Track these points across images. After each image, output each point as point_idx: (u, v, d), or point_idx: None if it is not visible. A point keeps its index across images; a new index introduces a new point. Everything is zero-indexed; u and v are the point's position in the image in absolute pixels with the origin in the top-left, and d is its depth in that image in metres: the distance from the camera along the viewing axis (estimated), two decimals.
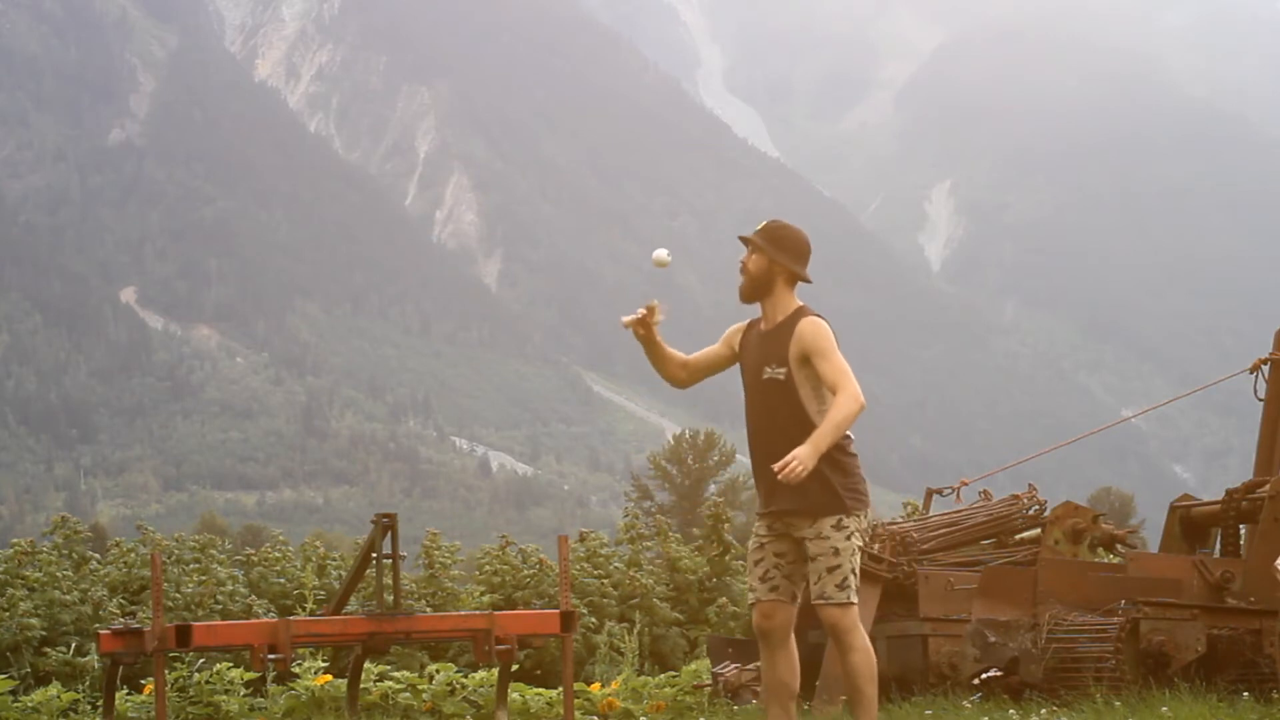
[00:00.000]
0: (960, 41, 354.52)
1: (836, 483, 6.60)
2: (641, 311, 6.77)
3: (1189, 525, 10.96)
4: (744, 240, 6.78)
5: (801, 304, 6.73)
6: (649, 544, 14.25)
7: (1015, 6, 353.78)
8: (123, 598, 12.19)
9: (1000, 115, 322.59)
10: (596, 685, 9.74)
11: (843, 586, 6.55)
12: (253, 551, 13.59)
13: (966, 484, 11.79)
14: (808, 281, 6.77)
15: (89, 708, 9.83)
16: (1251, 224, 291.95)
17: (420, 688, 9.56)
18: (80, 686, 10.60)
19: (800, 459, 6.35)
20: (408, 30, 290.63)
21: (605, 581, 13.29)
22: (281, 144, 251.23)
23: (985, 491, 11.55)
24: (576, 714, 8.57)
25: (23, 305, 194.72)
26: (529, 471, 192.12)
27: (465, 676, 9.76)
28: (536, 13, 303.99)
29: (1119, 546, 11.23)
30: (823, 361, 6.54)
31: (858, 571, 6.63)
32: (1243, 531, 10.77)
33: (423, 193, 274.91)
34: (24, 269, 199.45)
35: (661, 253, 6.81)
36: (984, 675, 9.61)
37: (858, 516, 6.65)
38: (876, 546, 10.42)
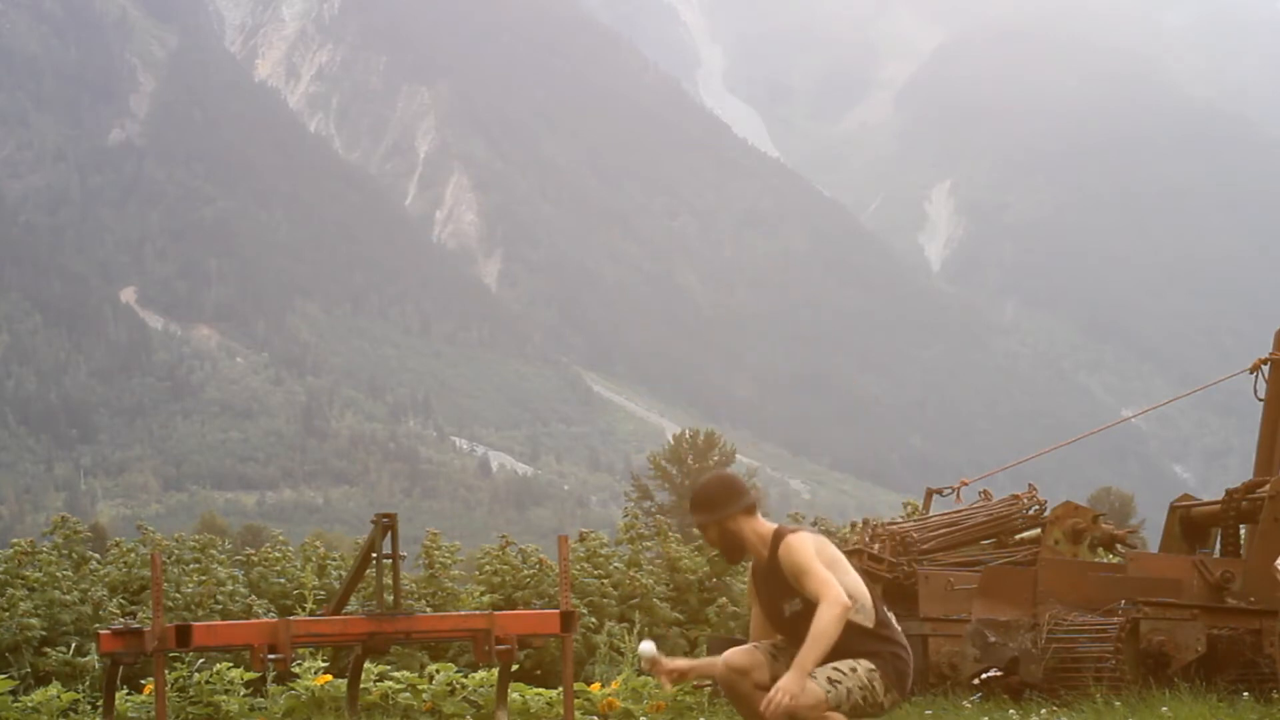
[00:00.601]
0: (960, 41, 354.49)
1: (873, 649, 6.48)
2: (661, 668, 6.70)
3: (1189, 525, 10.96)
4: (695, 523, 6.73)
5: (774, 527, 6.64)
6: (649, 544, 14.25)
7: (1015, 6, 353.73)
8: (123, 598, 12.19)
9: (1000, 115, 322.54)
10: (596, 685, 9.73)
11: (833, 682, 6.37)
12: (253, 551, 13.59)
13: (966, 484, 11.80)
14: (752, 505, 6.64)
15: (89, 708, 9.83)
16: (1251, 224, 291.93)
17: (420, 688, 9.56)
18: (80, 686, 10.60)
19: (785, 689, 6.24)
20: (408, 30, 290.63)
21: (605, 581, 13.29)
22: (281, 144, 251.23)
23: (985, 491, 11.56)
24: (576, 714, 8.57)
25: (23, 305, 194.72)
26: (529, 471, 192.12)
27: (465, 676, 9.76)
28: (536, 13, 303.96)
29: (1119, 546, 11.24)
30: (805, 579, 6.40)
31: (850, 697, 6.38)
32: (1243, 531, 10.78)
33: (423, 193, 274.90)
34: (24, 269, 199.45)
35: (648, 647, 6.71)
36: (984, 675, 9.61)
37: (884, 678, 6.45)
38: (876, 546, 10.42)
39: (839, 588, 6.34)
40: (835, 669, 6.35)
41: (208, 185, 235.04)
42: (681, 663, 6.70)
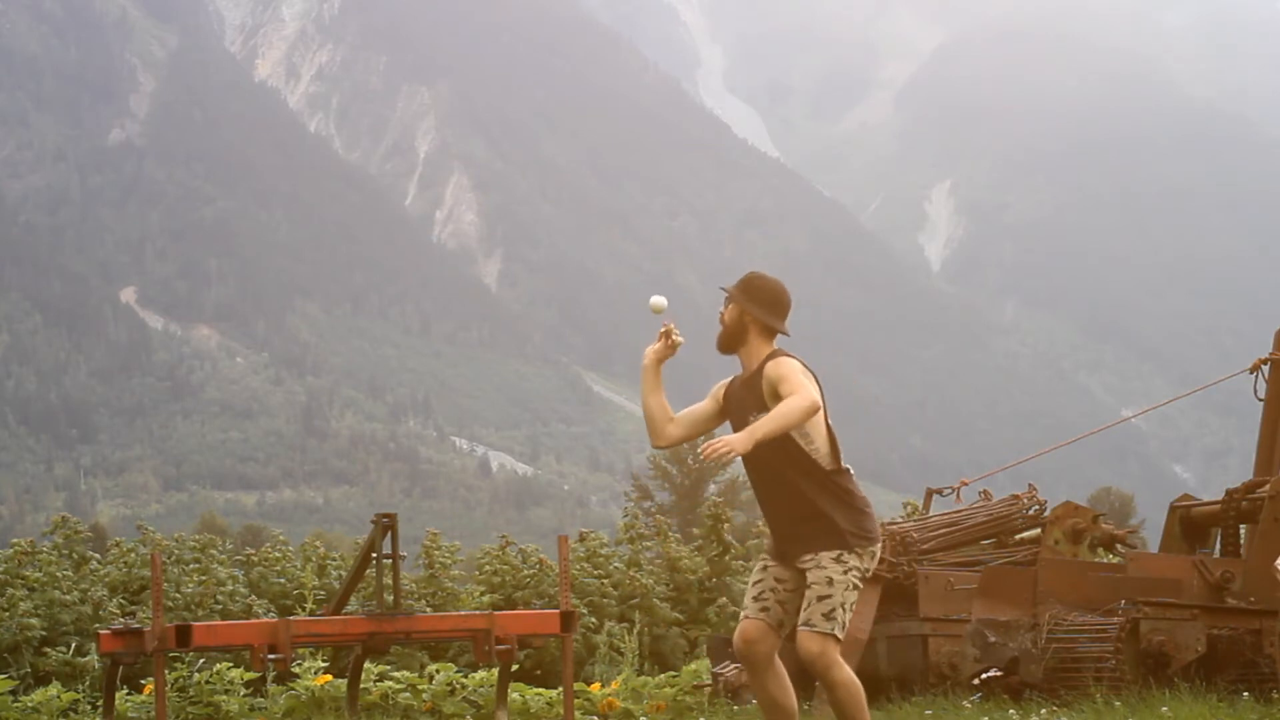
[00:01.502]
0: (960, 41, 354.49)
1: (841, 521, 6.53)
2: (665, 337, 6.83)
3: (1189, 525, 10.96)
4: (723, 290, 6.80)
5: (776, 349, 6.70)
6: (649, 544, 14.26)
7: (1015, 6, 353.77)
8: (123, 598, 12.20)
9: (1000, 115, 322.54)
10: (596, 685, 9.74)
11: (829, 617, 6.42)
12: (253, 551, 13.60)
13: (966, 484, 11.80)
14: (784, 334, 6.73)
15: (89, 708, 9.83)
16: (1251, 224, 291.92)
17: (420, 688, 9.56)
18: (80, 686, 10.60)
19: (729, 442, 6.31)
20: (408, 30, 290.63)
21: (605, 581, 13.30)
22: (281, 144, 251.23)
23: (985, 491, 11.56)
24: (576, 714, 8.58)
25: (23, 305, 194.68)
26: (529, 471, 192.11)
27: (465, 676, 9.77)
28: (536, 13, 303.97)
29: (1119, 546, 11.24)
30: (783, 385, 6.47)
31: (850, 609, 6.49)
32: (1243, 531, 10.78)
33: (423, 193, 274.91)
34: (24, 269, 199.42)
35: (658, 300, 6.78)
36: (984, 675, 9.61)
37: (859, 555, 6.54)
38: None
39: (816, 395, 6.44)
40: (820, 598, 6.44)
41: (208, 185, 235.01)
42: (673, 344, 6.85)
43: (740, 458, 6.57)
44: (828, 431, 6.61)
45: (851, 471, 6.65)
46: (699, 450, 6.40)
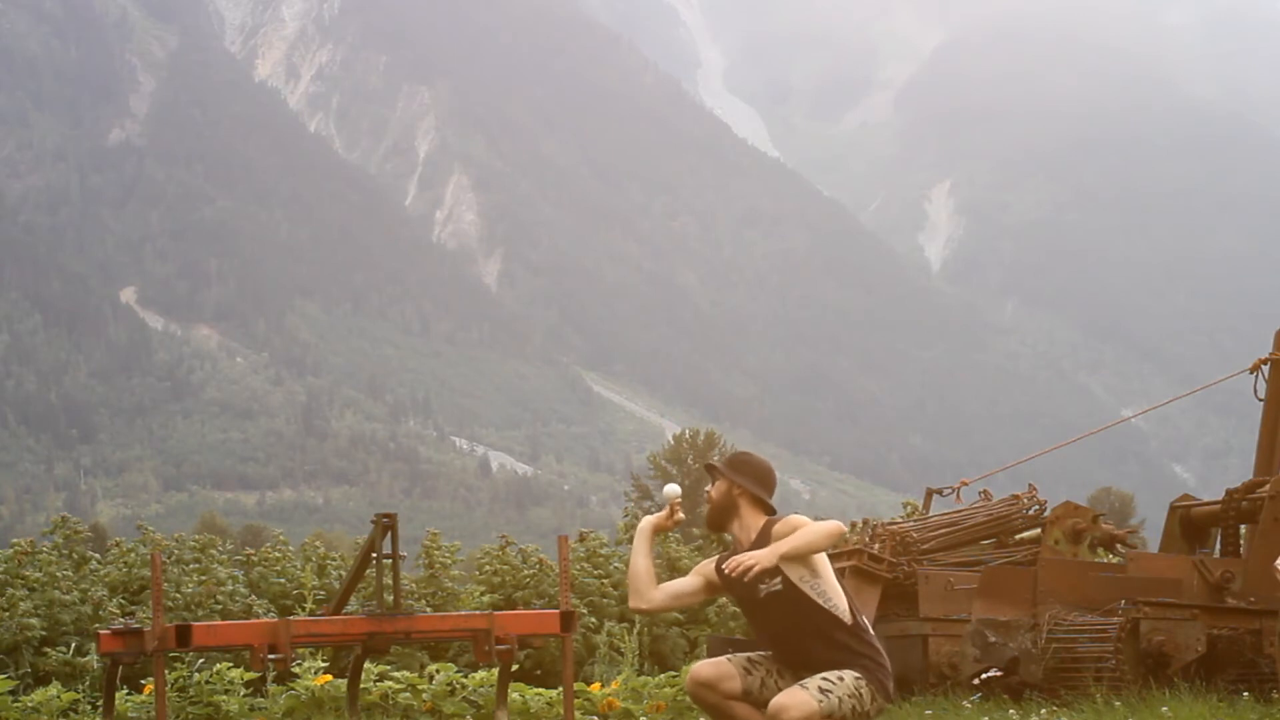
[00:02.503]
0: (960, 41, 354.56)
1: (856, 651, 6.44)
2: (670, 513, 6.72)
3: (1189, 525, 10.96)
4: (707, 468, 6.76)
5: (765, 517, 6.63)
6: None
7: (1015, 6, 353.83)
8: (123, 598, 12.20)
9: (1000, 115, 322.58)
10: (596, 685, 9.74)
11: (825, 691, 6.29)
12: (253, 551, 13.60)
13: (966, 484, 11.81)
14: (771, 511, 6.64)
15: (89, 708, 9.83)
16: (1251, 224, 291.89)
17: (420, 688, 9.56)
18: (80, 686, 10.60)
19: (756, 557, 6.24)
20: (408, 30, 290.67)
21: (605, 581, 13.30)
22: (281, 144, 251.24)
23: (985, 491, 11.57)
24: (576, 714, 8.58)
25: (23, 305, 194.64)
26: (529, 471, 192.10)
27: (465, 676, 9.77)
28: (536, 13, 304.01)
29: (1119, 546, 11.24)
30: (798, 526, 6.41)
31: (845, 707, 6.30)
32: (1243, 531, 10.78)
33: (423, 193, 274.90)
34: (24, 269, 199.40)
35: (672, 490, 6.73)
36: (984, 675, 9.61)
37: (874, 693, 6.40)
38: (876, 546, 10.42)
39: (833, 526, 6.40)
40: (825, 679, 6.32)
41: (208, 185, 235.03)
42: (677, 521, 6.76)
43: (749, 619, 6.59)
44: (843, 588, 6.53)
45: (868, 624, 6.56)
46: (724, 568, 6.29)
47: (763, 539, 6.47)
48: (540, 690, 9.68)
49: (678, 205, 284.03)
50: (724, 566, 6.35)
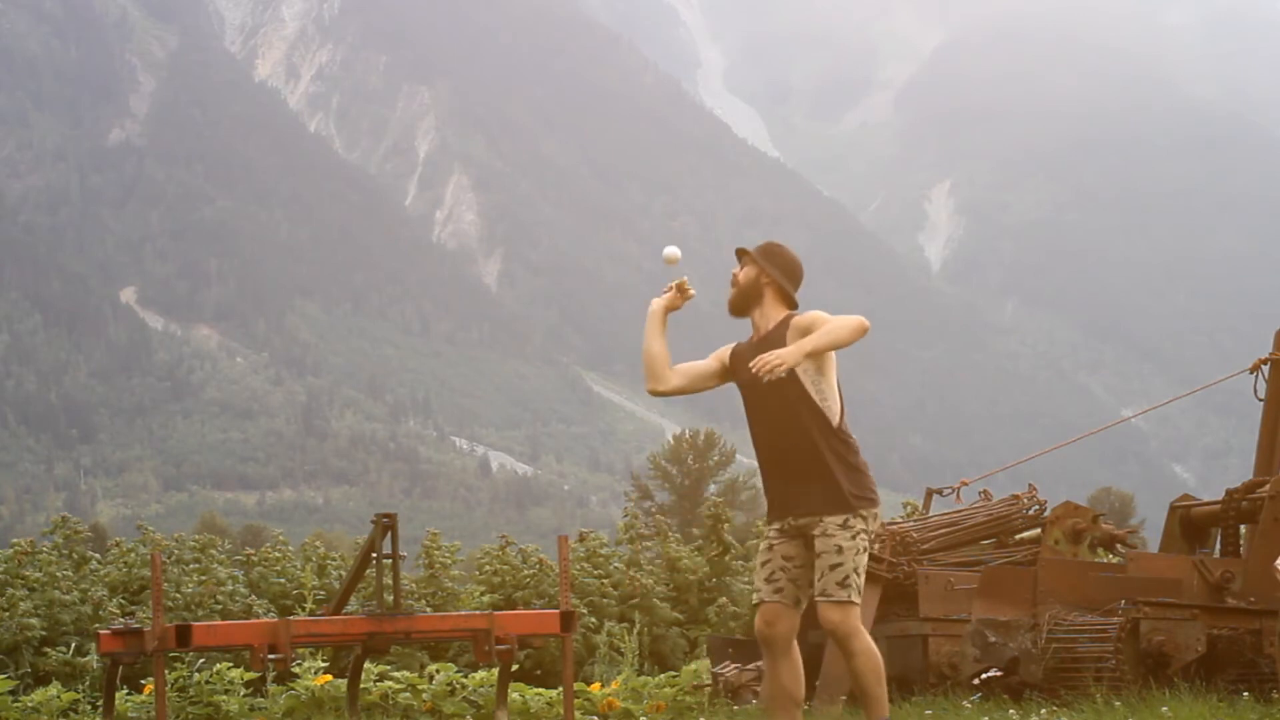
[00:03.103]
0: (960, 41, 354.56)
1: (844, 484, 6.57)
2: (678, 289, 6.89)
3: (1189, 525, 10.95)
4: (738, 252, 6.82)
5: (790, 311, 6.72)
6: (649, 544, 14.26)
7: (1015, 6, 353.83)
8: (123, 598, 12.20)
9: (1000, 115, 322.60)
10: (596, 685, 9.74)
11: (844, 584, 6.48)
12: (253, 551, 13.59)
13: (966, 484, 11.79)
14: (793, 304, 6.73)
15: (89, 708, 9.83)
16: (1251, 224, 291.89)
17: (420, 688, 9.56)
18: (80, 686, 10.60)
19: (781, 355, 6.31)
20: (408, 30, 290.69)
21: (605, 581, 13.30)
22: (281, 144, 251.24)
23: (985, 491, 11.55)
24: (576, 714, 8.58)
25: (23, 305, 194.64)
26: (529, 471, 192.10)
27: (465, 676, 9.77)
28: (536, 13, 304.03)
29: (1119, 546, 11.24)
30: (818, 322, 6.49)
31: (862, 573, 6.55)
32: (1243, 531, 10.78)
33: (423, 193, 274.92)
34: (24, 269, 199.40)
35: (672, 251, 6.82)
36: (984, 675, 9.61)
37: (864, 518, 6.60)
38: (876, 546, 10.42)
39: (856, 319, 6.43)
40: (834, 568, 6.49)
41: (208, 185, 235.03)
42: (683, 295, 6.91)
43: (746, 405, 6.65)
44: (839, 391, 6.65)
45: (855, 440, 6.67)
46: (751, 367, 6.21)
47: (780, 330, 6.59)
48: (540, 690, 9.68)
49: (678, 205, 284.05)
50: (751, 365, 6.41)
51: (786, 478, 6.63)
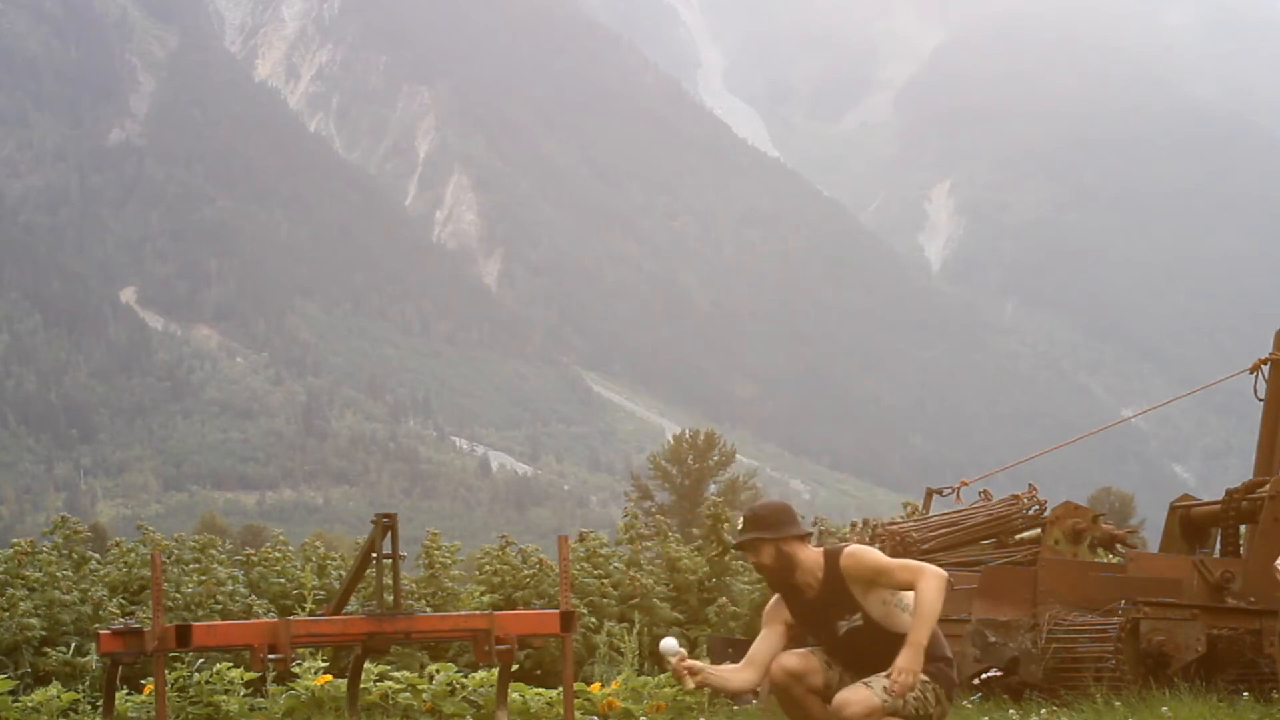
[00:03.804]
0: (960, 41, 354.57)
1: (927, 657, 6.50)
2: (676, 666, 6.70)
3: (1189, 525, 10.96)
4: (740, 547, 6.70)
5: (820, 550, 6.67)
6: (649, 544, 14.26)
7: (1015, 6, 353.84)
8: (123, 598, 12.20)
9: (1000, 115, 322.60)
10: (596, 685, 9.73)
11: (888, 690, 6.36)
12: (253, 551, 13.59)
13: (966, 484, 11.80)
14: (809, 534, 6.70)
15: (89, 708, 9.83)
16: (1251, 224, 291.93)
17: (420, 688, 9.56)
18: (80, 686, 10.60)
19: (905, 668, 6.29)
20: (408, 30, 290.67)
21: (605, 581, 13.30)
22: (281, 144, 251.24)
23: (985, 491, 11.56)
24: (576, 714, 8.57)
25: (23, 305, 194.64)
26: (529, 471, 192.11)
27: (465, 676, 9.76)
28: (536, 13, 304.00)
29: (1119, 546, 11.23)
30: (887, 576, 6.48)
31: (904, 715, 6.42)
32: (1243, 531, 10.78)
33: (423, 193, 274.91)
34: (24, 269, 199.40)
35: (670, 644, 6.73)
36: (984, 675, 9.61)
37: (936, 688, 6.53)
38: (876, 546, 10.41)
39: (929, 566, 6.44)
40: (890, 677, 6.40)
41: (208, 185, 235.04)
42: (701, 665, 6.71)
43: (824, 647, 6.58)
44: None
45: (941, 636, 6.63)
46: (887, 690, 6.31)
47: (837, 586, 6.50)
48: (540, 690, 9.68)
49: (678, 205, 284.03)
50: (889, 690, 6.30)
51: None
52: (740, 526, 6.72)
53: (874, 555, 6.51)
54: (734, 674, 6.73)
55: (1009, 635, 9.43)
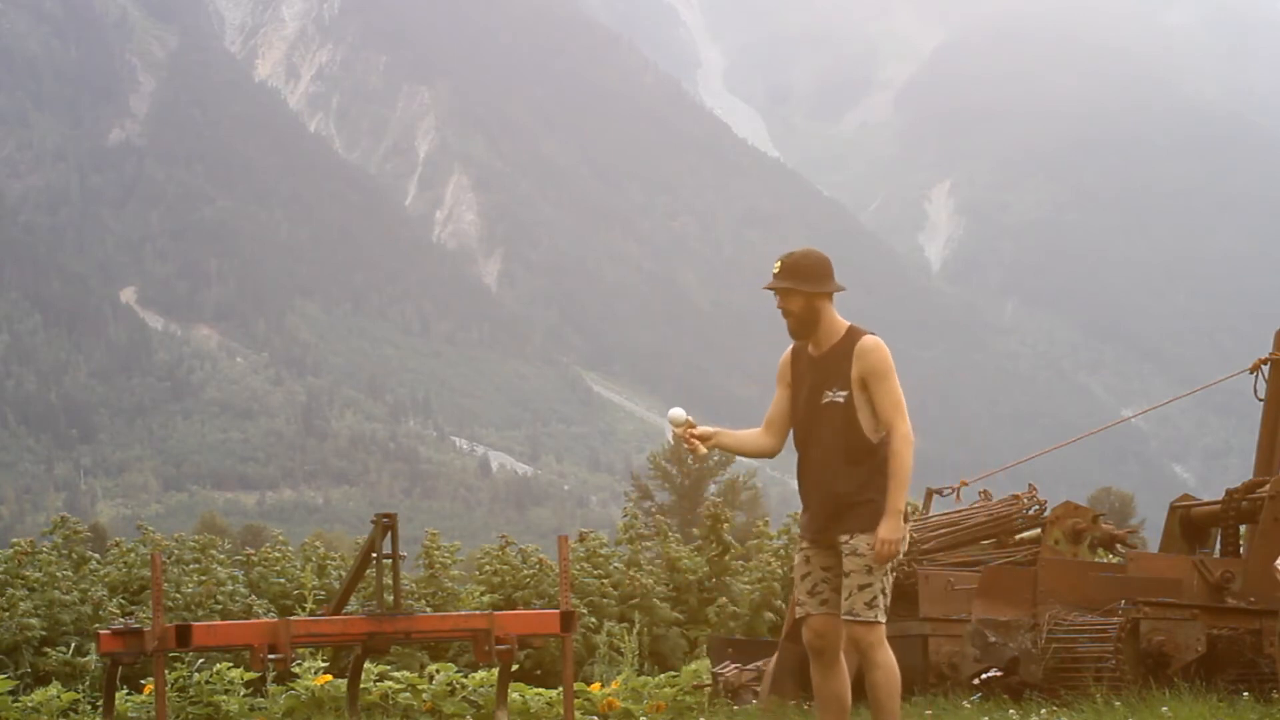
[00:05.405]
0: (960, 41, 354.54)
1: (880, 501, 6.61)
2: (683, 434, 6.82)
3: (1189, 525, 10.95)
4: (772, 289, 6.78)
5: (851, 324, 6.81)
6: (649, 544, 14.27)
7: (1015, 6, 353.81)
8: (123, 598, 12.21)
9: (1000, 115, 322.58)
10: (596, 685, 9.74)
11: (871, 605, 6.55)
12: (253, 551, 13.60)
13: (966, 484, 11.80)
14: (842, 290, 6.83)
15: (89, 708, 9.83)
16: (1251, 224, 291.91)
17: (420, 688, 9.56)
18: (80, 686, 10.60)
19: (887, 539, 6.48)
20: (408, 30, 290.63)
21: (605, 581, 13.30)
22: (281, 144, 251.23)
23: (985, 491, 11.55)
24: (576, 714, 8.58)
25: (23, 305, 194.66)
26: (529, 471, 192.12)
27: (465, 676, 9.77)
28: (536, 13, 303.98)
29: (1119, 546, 11.23)
30: (881, 385, 6.63)
31: (889, 591, 6.62)
32: (1243, 531, 10.78)
33: (423, 193, 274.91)
34: (24, 269, 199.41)
35: (678, 413, 6.78)
36: (984, 675, 9.61)
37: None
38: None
39: (908, 420, 6.60)
40: (862, 588, 6.55)
41: (208, 185, 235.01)
42: (711, 430, 6.86)
43: (795, 423, 6.72)
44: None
45: (882, 446, 6.68)
46: (875, 555, 6.49)
47: (842, 350, 6.69)
48: (540, 690, 9.69)
49: (678, 205, 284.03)
50: (876, 556, 6.52)
51: (827, 502, 6.67)
52: (777, 270, 6.77)
53: (887, 360, 6.69)
54: (751, 437, 6.89)
55: (1009, 635, 9.43)
